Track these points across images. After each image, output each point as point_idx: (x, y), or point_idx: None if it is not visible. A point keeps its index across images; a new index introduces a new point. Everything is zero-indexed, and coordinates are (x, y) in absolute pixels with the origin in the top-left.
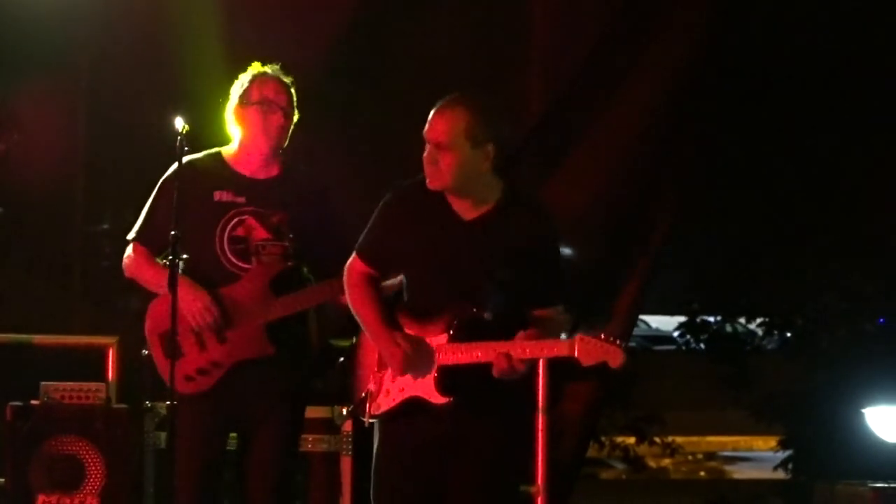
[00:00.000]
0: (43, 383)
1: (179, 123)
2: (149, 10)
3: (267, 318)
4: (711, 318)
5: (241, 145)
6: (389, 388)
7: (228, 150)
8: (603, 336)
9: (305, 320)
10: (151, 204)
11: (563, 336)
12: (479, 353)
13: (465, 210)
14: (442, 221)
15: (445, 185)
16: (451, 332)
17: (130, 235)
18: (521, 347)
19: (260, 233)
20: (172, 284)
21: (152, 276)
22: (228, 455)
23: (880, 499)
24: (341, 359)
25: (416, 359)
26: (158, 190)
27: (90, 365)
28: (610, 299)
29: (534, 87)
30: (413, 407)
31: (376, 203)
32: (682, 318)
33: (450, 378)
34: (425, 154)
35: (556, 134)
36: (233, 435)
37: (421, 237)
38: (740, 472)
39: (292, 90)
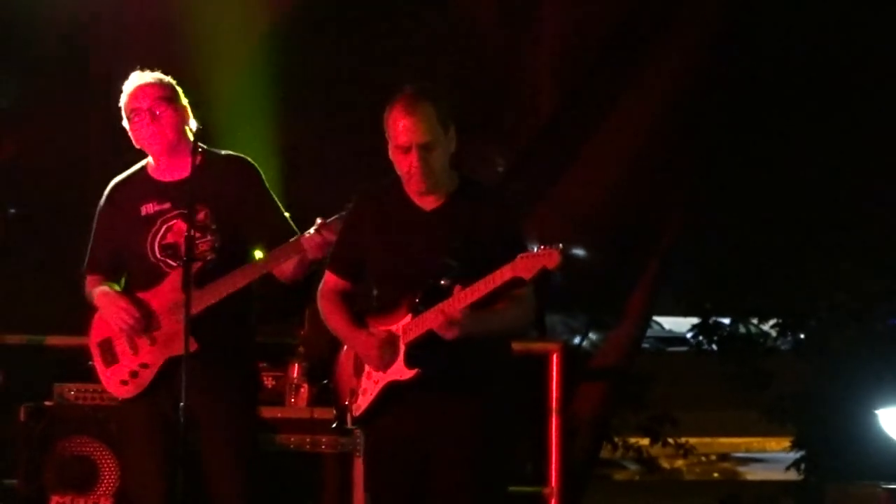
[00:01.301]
0: (56, 384)
1: (193, 124)
2: (162, 11)
3: (191, 312)
4: (724, 320)
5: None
6: (366, 388)
7: (150, 161)
8: (542, 247)
9: (244, 316)
10: (93, 233)
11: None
12: (434, 318)
13: (427, 202)
14: (404, 216)
15: (434, 182)
16: (413, 309)
17: (83, 268)
18: (467, 292)
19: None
20: (186, 285)
21: (91, 298)
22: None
23: (893, 500)
24: (325, 381)
25: (389, 346)
26: (95, 219)
27: None
28: (621, 299)
29: (544, 89)
30: (390, 396)
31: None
32: (695, 320)
33: (415, 352)
34: (413, 159)
35: (566, 135)
36: None
37: (384, 235)
38: (753, 473)
39: (161, 82)
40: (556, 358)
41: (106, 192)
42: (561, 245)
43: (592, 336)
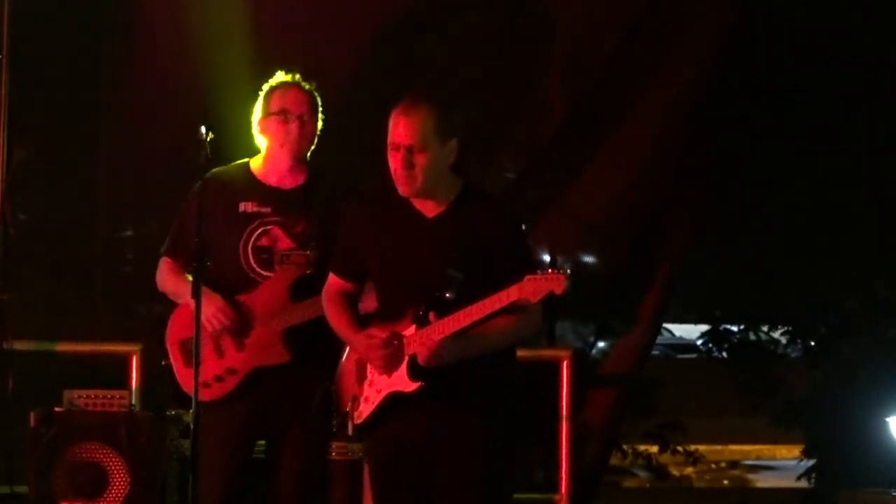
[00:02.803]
0: (66, 390)
1: (204, 132)
2: (172, 16)
3: (284, 324)
4: (735, 328)
5: (266, 155)
6: (368, 395)
7: (256, 161)
8: (550, 270)
9: (327, 328)
10: (179, 217)
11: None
12: (444, 329)
13: (428, 208)
14: (405, 222)
15: (418, 188)
16: (418, 319)
17: (161, 250)
18: (473, 310)
19: (284, 242)
20: (196, 291)
21: (175, 288)
22: (256, 463)
23: None
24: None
25: (393, 349)
26: (186, 203)
27: (113, 372)
28: (632, 305)
29: (554, 95)
30: (392, 405)
31: None
32: (705, 327)
33: (419, 364)
34: (398, 160)
35: (576, 142)
36: (262, 443)
37: (386, 240)
38: (764, 481)
39: (315, 97)
40: (567, 365)
41: (202, 180)
42: (568, 270)
43: (602, 343)
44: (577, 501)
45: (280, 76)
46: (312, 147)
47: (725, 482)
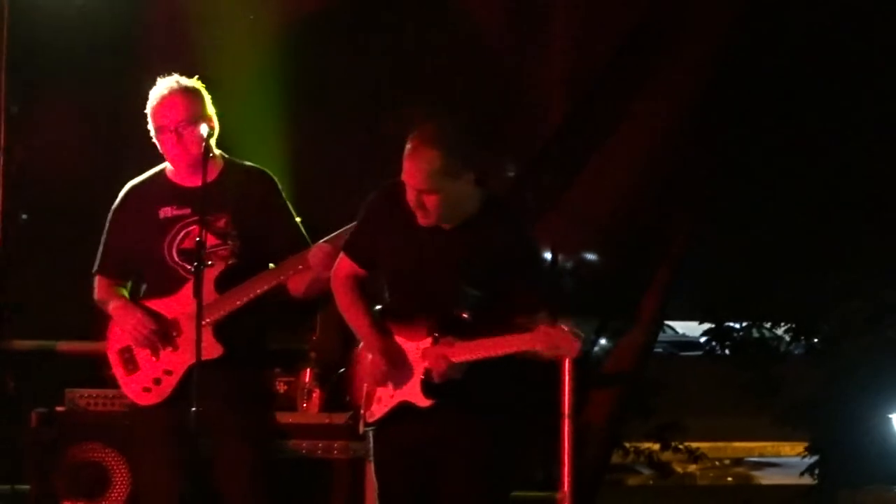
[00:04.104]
0: (67, 390)
1: (204, 129)
2: (173, 14)
3: (212, 317)
4: (737, 325)
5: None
6: (381, 396)
7: (170, 166)
8: (564, 328)
9: (262, 322)
10: (105, 235)
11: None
12: (460, 354)
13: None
14: (422, 228)
15: (433, 221)
16: (435, 335)
17: (94, 269)
18: (494, 344)
19: (209, 240)
20: (197, 291)
21: (111, 309)
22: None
23: None
24: (341, 370)
25: (396, 374)
26: (109, 221)
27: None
28: (633, 304)
29: (555, 95)
30: (403, 411)
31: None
32: (709, 325)
33: (433, 381)
34: (410, 199)
35: (577, 141)
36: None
37: (401, 239)
38: (767, 478)
39: (188, 96)
40: (568, 363)
41: (121, 193)
42: (582, 335)
43: (604, 342)
44: (578, 500)
45: (157, 88)
46: (212, 138)
47: (729, 479)
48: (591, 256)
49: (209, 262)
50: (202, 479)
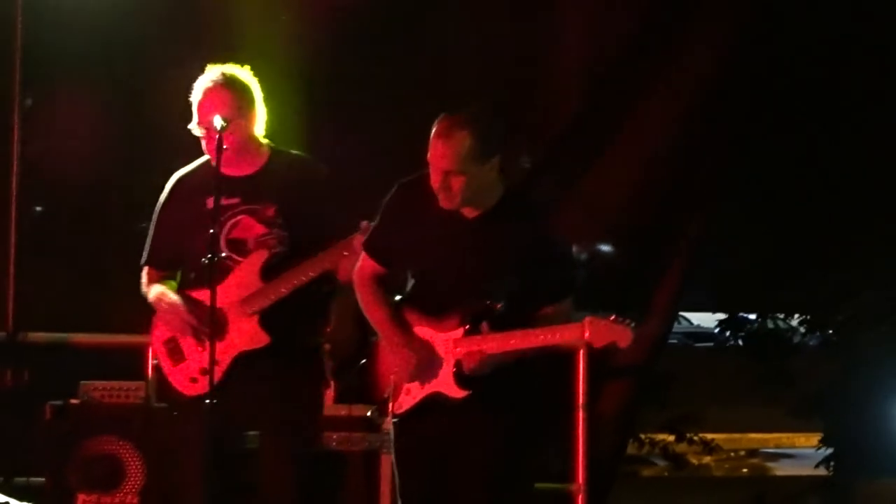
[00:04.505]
0: (82, 382)
1: (219, 122)
2: (185, 6)
3: (258, 306)
4: (751, 316)
5: None
6: (410, 387)
7: None
8: (613, 318)
9: (312, 311)
10: (153, 226)
11: None
12: (495, 345)
13: (468, 209)
14: (445, 218)
15: (457, 205)
16: (468, 326)
17: (142, 260)
18: (531, 335)
19: (256, 229)
20: (211, 284)
21: (154, 301)
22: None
23: None
24: (363, 361)
25: (426, 367)
26: (156, 212)
27: (129, 364)
28: (647, 296)
29: (568, 86)
30: (432, 403)
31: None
32: (723, 315)
33: (465, 373)
34: (435, 180)
35: (590, 133)
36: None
37: (425, 233)
38: (783, 469)
39: (231, 90)
40: (582, 354)
41: (168, 184)
42: (634, 323)
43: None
44: (592, 491)
45: (201, 80)
46: (258, 128)
47: (744, 470)
48: (604, 248)
49: (250, 249)
50: (238, 470)
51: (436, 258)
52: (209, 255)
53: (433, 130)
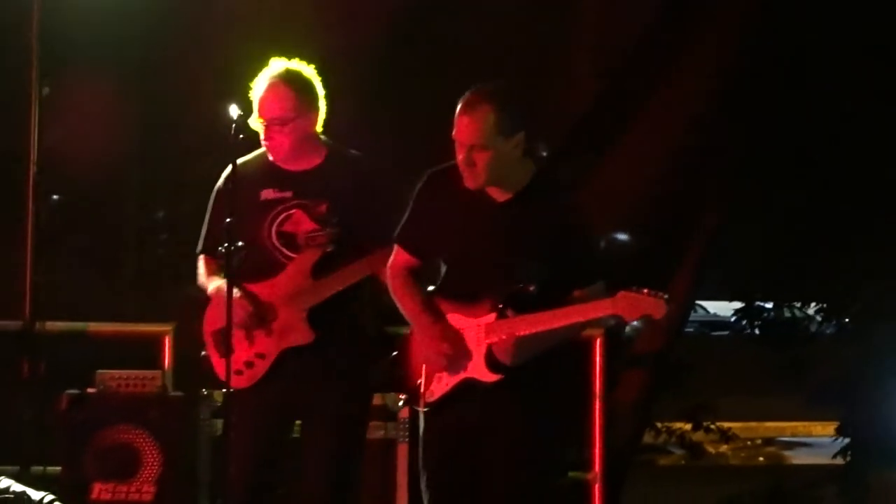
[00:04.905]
0: (98, 371)
1: (234, 111)
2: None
3: (307, 304)
4: (768, 305)
5: None
6: (442, 374)
7: None
8: (646, 291)
9: (357, 304)
10: (209, 214)
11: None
12: (526, 326)
13: (497, 193)
14: (476, 205)
15: (481, 183)
16: (500, 309)
17: (197, 249)
18: (564, 314)
19: (307, 225)
20: (228, 278)
21: (210, 291)
22: (293, 443)
23: None
24: (395, 352)
25: (458, 355)
26: (212, 200)
27: (145, 353)
28: (663, 284)
29: (584, 75)
30: (464, 390)
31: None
32: (739, 304)
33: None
34: (460, 157)
35: (607, 121)
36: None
37: (455, 220)
38: (799, 458)
39: (298, 87)
40: (599, 343)
41: (225, 173)
42: (666, 296)
43: (635, 322)
44: (609, 480)
45: (264, 73)
46: (318, 126)
47: (760, 459)
48: (622, 236)
49: (300, 247)
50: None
51: (467, 244)
52: (226, 245)
53: (458, 106)
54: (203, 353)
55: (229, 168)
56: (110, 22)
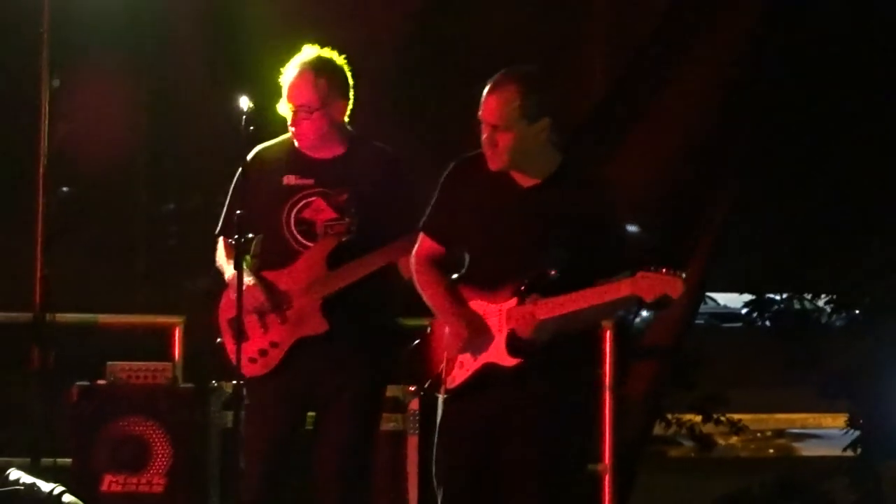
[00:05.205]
0: (109, 363)
1: (245, 103)
2: None
3: (322, 293)
4: (778, 296)
5: None
6: (463, 360)
7: None
8: (664, 270)
9: (373, 296)
10: (229, 197)
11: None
12: (546, 310)
13: (522, 178)
14: (501, 190)
15: (505, 164)
16: (521, 294)
17: (217, 230)
18: (580, 297)
19: (327, 213)
20: (238, 265)
21: (221, 266)
22: (306, 434)
23: None
24: (416, 341)
25: (479, 337)
26: (234, 183)
27: (156, 344)
28: None
29: (596, 66)
30: (485, 376)
31: (436, 181)
32: (750, 296)
33: (519, 340)
34: (483, 137)
35: (618, 112)
36: (312, 414)
37: (482, 207)
38: (809, 449)
39: (327, 76)
40: (609, 335)
41: (248, 156)
42: (683, 274)
43: (645, 313)
44: (620, 471)
45: (295, 60)
46: (345, 116)
47: (770, 451)
48: (632, 228)
49: (318, 235)
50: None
51: (491, 229)
52: (237, 237)
53: (486, 88)
54: (218, 339)
55: (253, 151)
56: (122, 13)
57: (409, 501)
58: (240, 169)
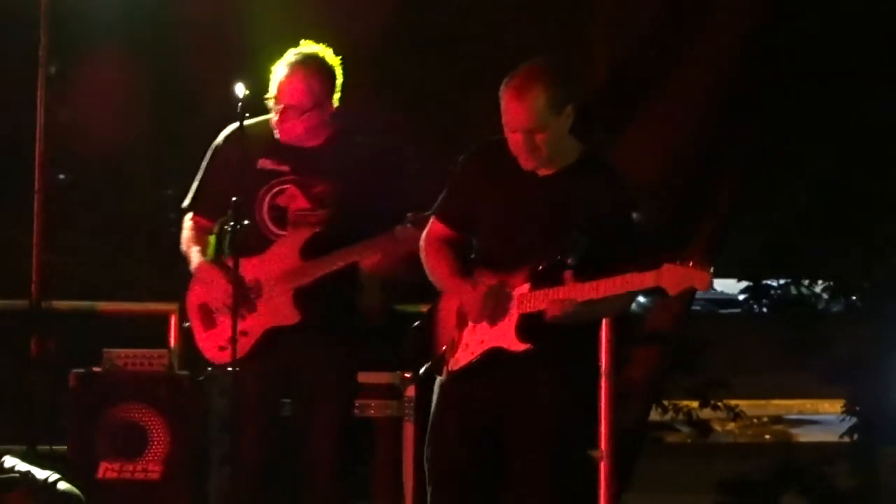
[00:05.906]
0: (106, 350)
1: (240, 89)
2: None
3: (295, 284)
4: (776, 282)
5: None
6: (468, 342)
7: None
8: (692, 263)
9: (351, 286)
10: (201, 171)
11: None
12: (563, 297)
13: (543, 169)
14: (517, 177)
15: (543, 162)
16: (534, 279)
17: (185, 203)
18: (606, 284)
19: (300, 202)
20: (234, 248)
21: (187, 251)
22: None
23: None
24: (416, 322)
25: (496, 301)
26: (207, 157)
27: (154, 331)
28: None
29: (600, 53)
30: (491, 360)
31: (438, 171)
32: (747, 282)
33: (530, 325)
34: (518, 141)
35: (622, 99)
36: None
37: (497, 192)
38: (806, 435)
39: (317, 77)
40: (607, 321)
41: (225, 131)
42: (711, 267)
43: (644, 300)
44: (617, 458)
45: (287, 57)
46: (332, 109)
47: (768, 437)
48: (635, 214)
49: (293, 225)
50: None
51: (506, 216)
52: (231, 223)
53: (503, 94)
54: (185, 324)
55: (231, 127)
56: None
57: (405, 488)
58: (215, 143)
